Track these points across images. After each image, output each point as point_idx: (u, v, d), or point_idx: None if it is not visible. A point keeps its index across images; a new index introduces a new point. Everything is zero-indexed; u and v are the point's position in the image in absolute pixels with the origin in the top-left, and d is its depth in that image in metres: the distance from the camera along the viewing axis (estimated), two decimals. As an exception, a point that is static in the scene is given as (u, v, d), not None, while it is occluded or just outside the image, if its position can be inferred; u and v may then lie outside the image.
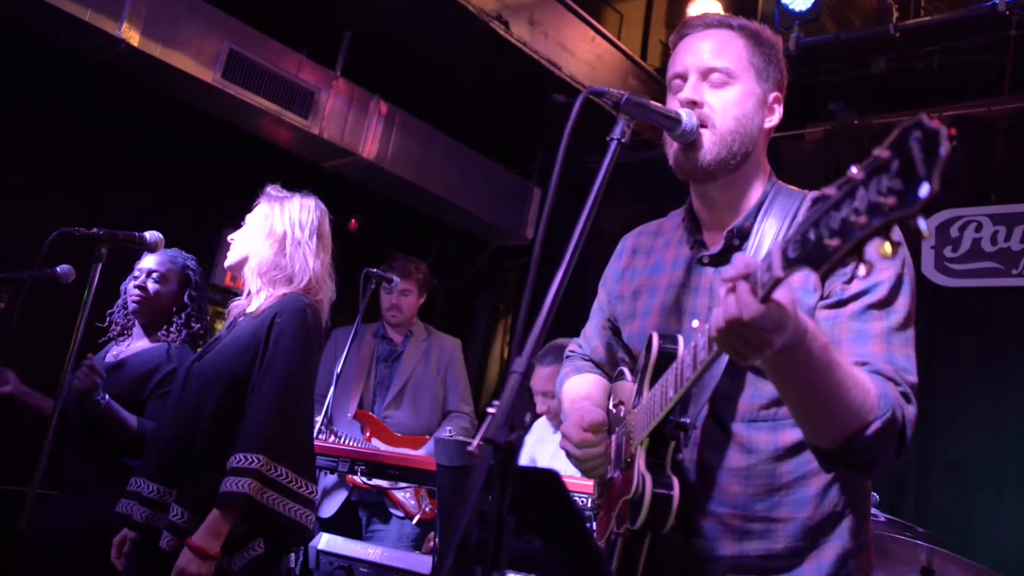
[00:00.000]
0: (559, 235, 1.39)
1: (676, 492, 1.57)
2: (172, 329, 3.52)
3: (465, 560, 1.14)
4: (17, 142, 4.69)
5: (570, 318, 2.20)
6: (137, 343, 3.54)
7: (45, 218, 3.25)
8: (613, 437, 1.84)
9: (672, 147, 1.77)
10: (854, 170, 1.02)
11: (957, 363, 4.92)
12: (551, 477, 1.39)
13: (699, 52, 1.78)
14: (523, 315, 1.34)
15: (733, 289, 1.25)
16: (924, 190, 0.91)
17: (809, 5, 5.29)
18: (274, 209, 2.87)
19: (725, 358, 1.62)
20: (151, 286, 3.51)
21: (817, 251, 1.06)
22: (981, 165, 5.11)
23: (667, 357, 1.66)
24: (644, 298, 1.89)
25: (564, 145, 1.47)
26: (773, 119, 1.81)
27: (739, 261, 1.27)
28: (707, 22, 1.82)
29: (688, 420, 1.63)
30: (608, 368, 2.11)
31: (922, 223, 0.93)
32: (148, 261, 3.54)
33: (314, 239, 2.87)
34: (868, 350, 1.55)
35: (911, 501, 4.77)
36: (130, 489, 2.69)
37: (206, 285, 3.73)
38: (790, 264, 1.13)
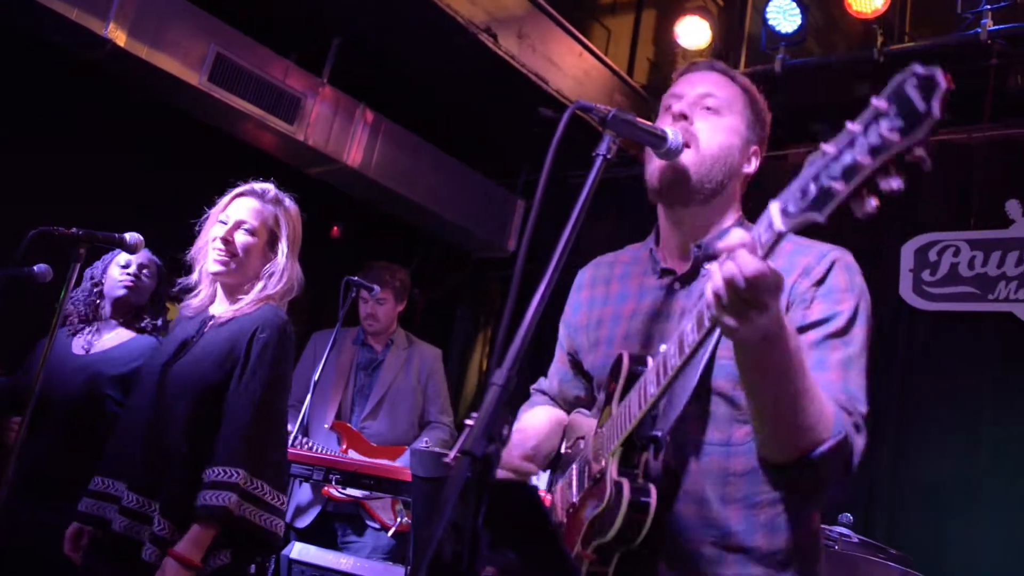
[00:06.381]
0: (542, 249, 1.39)
1: (654, 498, 1.55)
2: (158, 323, 3.64)
3: (438, 573, 1.13)
4: (-4, 140, 4.65)
5: (551, 333, 2.20)
6: (110, 333, 3.54)
7: (23, 217, 3.21)
8: (573, 467, 1.83)
9: (652, 163, 1.79)
10: (851, 125, 1.11)
11: (933, 385, 4.95)
12: (527, 491, 1.39)
13: (699, 82, 1.85)
14: (504, 328, 1.34)
15: (727, 258, 1.27)
16: (926, 119, 1.03)
17: (795, 28, 5.35)
18: (271, 216, 2.83)
19: (695, 377, 1.63)
20: (144, 280, 3.62)
21: (820, 198, 1.14)
22: (960, 191, 5.17)
23: (637, 376, 1.65)
24: (608, 326, 1.91)
25: (550, 159, 1.48)
26: (750, 167, 1.87)
27: (733, 233, 1.30)
28: (713, 65, 1.91)
29: (660, 433, 1.62)
30: (561, 403, 2.12)
31: (922, 153, 1.04)
32: (134, 256, 3.59)
33: (295, 245, 2.87)
34: (826, 378, 1.57)
35: (884, 522, 4.79)
36: (99, 490, 2.66)
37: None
38: (791, 217, 1.19)
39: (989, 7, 4.80)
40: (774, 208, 1.22)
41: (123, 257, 3.64)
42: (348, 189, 5.99)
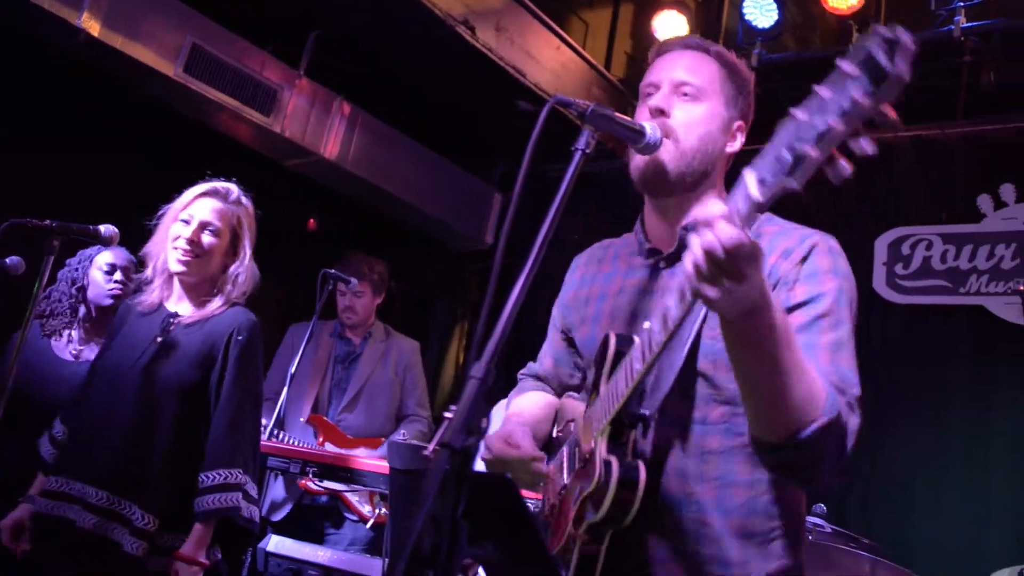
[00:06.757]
0: (520, 242, 1.39)
1: (643, 476, 1.55)
2: None
3: (418, 565, 1.14)
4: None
5: (529, 326, 2.21)
6: (97, 342, 3.49)
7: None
8: (564, 450, 1.84)
9: (634, 158, 1.80)
10: (819, 89, 1.11)
11: (906, 378, 5.01)
12: (506, 483, 1.39)
13: (675, 67, 1.82)
14: (483, 321, 1.34)
15: (707, 226, 1.25)
16: (894, 80, 1.03)
17: (772, 23, 5.39)
18: (234, 216, 2.86)
19: (682, 354, 1.64)
20: (130, 284, 3.55)
21: (795, 165, 1.13)
22: (933, 186, 5.23)
23: (623, 355, 1.65)
24: (594, 304, 1.92)
25: (528, 155, 1.48)
26: (735, 145, 1.85)
27: (710, 204, 1.28)
28: (687, 43, 1.88)
29: (647, 412, 1.63)
30: (554, 384, 2.13)
31: (891, 114, 1.05)
32: (110, 256, 3.52)
33: (254, 245, 2.93)
34: (817, 360, 1.56)
35: (857, 513, 4.85)
36: (55, 489, 2.65)
37: None
38: (768, 186, 1.18)
39: (963, 4, 4.86)
40: (750, 178, 1.21)
41: (103, 259, 3.55)
42: (325, 181, 5.95)
